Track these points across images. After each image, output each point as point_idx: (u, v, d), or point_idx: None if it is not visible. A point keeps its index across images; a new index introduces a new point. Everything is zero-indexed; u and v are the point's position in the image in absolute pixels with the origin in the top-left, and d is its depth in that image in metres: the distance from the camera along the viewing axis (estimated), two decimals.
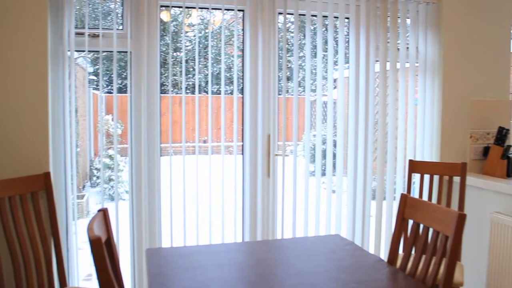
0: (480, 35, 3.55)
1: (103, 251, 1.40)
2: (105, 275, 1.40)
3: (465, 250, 3.21)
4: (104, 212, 1.79)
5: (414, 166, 3.18)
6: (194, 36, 3.02)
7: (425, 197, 3.19)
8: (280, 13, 3.13)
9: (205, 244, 2.38)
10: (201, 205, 3.04)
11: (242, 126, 3.11)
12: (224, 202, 3.09)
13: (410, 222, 2.14)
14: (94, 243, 1.39)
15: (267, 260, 2.08)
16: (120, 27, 2.92)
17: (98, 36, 2.82)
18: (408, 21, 3.44)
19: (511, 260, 2.87)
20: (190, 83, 3.10)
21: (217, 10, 3.04)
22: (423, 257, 1.98)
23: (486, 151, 3.53)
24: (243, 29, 3.11)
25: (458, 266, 2.73)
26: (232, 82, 3.10)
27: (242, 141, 3.12)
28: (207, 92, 3.06)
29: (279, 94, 3.13)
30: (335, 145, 3.31)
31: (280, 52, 3.14)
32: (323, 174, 3.27)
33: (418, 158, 3.49)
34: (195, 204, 3.02)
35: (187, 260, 2.01)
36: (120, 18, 2.92)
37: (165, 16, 3.62)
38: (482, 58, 3.57)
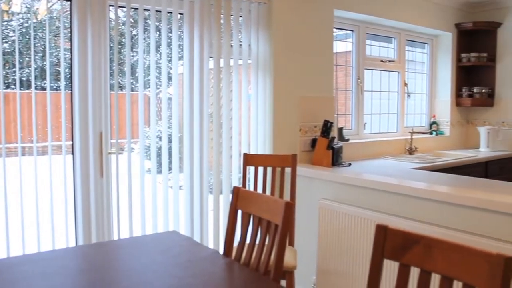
0: (307, 36, 3.82)
1: None
2: None
3: (298, 236, 3.43)
4: None
5: (249, 160, 3.30)
6: (20, 25, 2.76)
7: (259, 189, 3.33)
8: (111, 6, 3.01)
9: (32, 253, 2.19)
10: (27, 210, 2.79)
11: (72, 124, 2.92)
12: (54, 206, 2.88)
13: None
14: None
15: (101, 263, 1.99)
16: None
17: None
18: (241, 19, 3.55)
19: (336, 242, 3.14)
20: (14, 77, 2.83)
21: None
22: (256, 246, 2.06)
23: (314, 142, 3.81)
24: (70, 21, 2.92)
25: (291, 251, 2.90)
26: (59, 78, 2.90)
27: (72, 140, 2.93)
28: (31, 88, 2.82)
29: (111, 90, 3.01)
30: (170, 142, 3.28)
31: (112, 46, 3.02)
32: (159, 171, 3.23)
33: (253, 151, 3.63)
34: (20, 210, 2.77)
35: (9, 272, 1.83)
36: None
37: None
38: (309, 57, 3.85)
